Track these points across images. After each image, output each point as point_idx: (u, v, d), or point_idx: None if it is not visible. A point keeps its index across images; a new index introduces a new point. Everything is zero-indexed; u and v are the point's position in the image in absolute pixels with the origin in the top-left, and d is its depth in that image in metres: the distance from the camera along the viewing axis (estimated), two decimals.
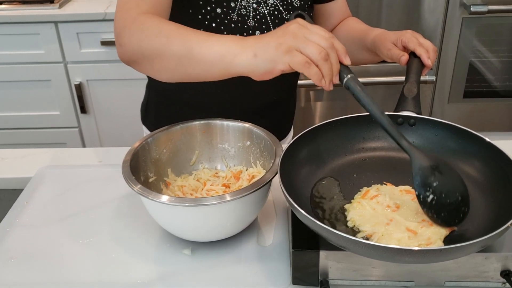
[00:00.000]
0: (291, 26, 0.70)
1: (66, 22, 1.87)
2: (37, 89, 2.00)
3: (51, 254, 0.80)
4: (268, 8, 0.99)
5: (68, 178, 0.99)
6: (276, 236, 0.83)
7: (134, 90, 1.94)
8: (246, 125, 0.90)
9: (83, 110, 2.03)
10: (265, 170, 0.87)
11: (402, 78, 0.90)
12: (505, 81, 2.01)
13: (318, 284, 0.71)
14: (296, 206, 0.66)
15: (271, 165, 0.79)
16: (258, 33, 0.99)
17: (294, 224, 0.72)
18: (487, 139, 0.78)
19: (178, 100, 1.10)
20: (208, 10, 0.95)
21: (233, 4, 0.96)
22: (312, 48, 0.67)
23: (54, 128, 2.08)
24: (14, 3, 1.90)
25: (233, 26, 0.97)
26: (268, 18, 0.99)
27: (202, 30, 0.94)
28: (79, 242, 0.82)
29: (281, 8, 1.00)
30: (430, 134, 0.84)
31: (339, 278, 0.71)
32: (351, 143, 0.85)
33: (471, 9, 1.80)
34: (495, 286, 0.70)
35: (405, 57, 0.92)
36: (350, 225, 0.73)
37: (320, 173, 0.82)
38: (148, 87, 1.19)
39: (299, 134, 0.80)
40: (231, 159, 0.94)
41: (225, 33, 0.96)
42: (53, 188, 0.96)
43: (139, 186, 0.74)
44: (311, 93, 2.00)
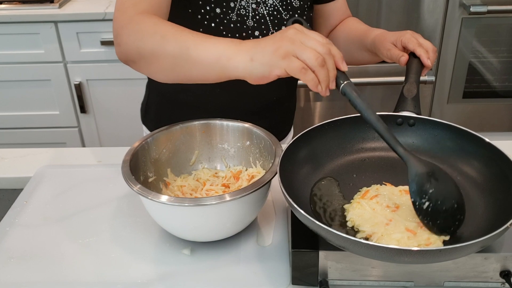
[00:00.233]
0: (289, 31, 0.69)
1: (66, 21, 1.87)
2: (37, 88, 2.00)
3: (51, 254, 0.80)
4: (267, 8, 0.99)
5: (67, 178, 0.99)
6: (275, 236, 0.83)
7: (134, 90, 1.94)
8: (246, 125, 0.91)
9: (83, 110, 2.03)
10: (264, 170, 0.87)
11: (402, 79, 0.90)
12: (504, 81, 2.01)
13: (318, 284, 0.71)
14: (295, 206, 0.66)
15: (271, 165, 0.79)
16: (257, 33, 0.99)
17: (294, 224, 0.73)
18: (487, 139, 0.78)
19: (178, 100, 1.10)
20: (207, 10, 0.95)
21: (232, 4, 0.96)
22: (309, 53, 0.67)
23: (54, 128, 2.08)
24: (14, 3, 1.90)
25: (232, 26, 0.97)
26: (267, 18, 0.99)
27: (201, 30, 0.95)
28: (79, 242, 0.82)
29: (280, 8, 1.00)
30: (429, 134, 0.84)
31: (339, 278, 0.71)
32: (351, 143, 0.85)
33: (471, 9, 1.80)
34: (494, 286, 0.70)
35: (404, 57, 0.92)
36: (349, 225, 0.73)
37: (319, 173, 0.82)
38: (148, 87, 1.19)
39: (299, 134, 0.80)
40: (231, 159, 0.94)
41: (224, 33, 0.96)
42: (52, 188, 0.96)
43: (139, 186, 0.74)
44: (311, 93, 2.00)
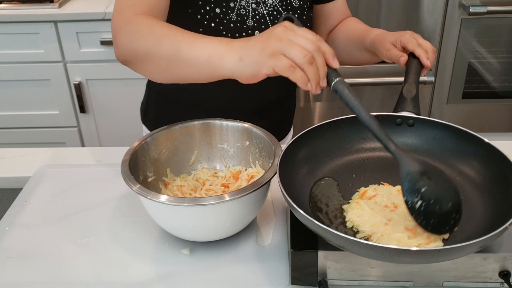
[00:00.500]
0: (277, 29, 0.68)
1: (65, 21, 1.87)
2: (36, 88, 2.00)
3: (50, 254, 0.80)
4: (267, 8, 0.99)
5: (67, 178, 0.99)
6: (274, 236, 0.83)
7: (133, 89, 1.94)
8: (245, 125, 0.91)
9: (83, 109, 2.03)
10: (264, 170, 0.87)
11: (401, 79, 0.91)
12: (504, 82, 2.01)
13: (317, 284, 0.71)
14: (295, 206, 0.66)
15: (270, 165, 0.79)
16: (257, 33, 0.99)
17: (293, 224, 0.73)
18: (486, 140, 0.78)
19: (178, 99, 1.10)
20: (207, 10, 0.95)
21: (232, 4, 0.96)
22: (296, 51, 0.66)
23: (53, 127, 2.08)
24: (14, 2, 1.89)
25: (232, 26, 0.97)
26: (267, 18, 0.99)
27: (201, 30, 0.95)
28: (78, 242, 0.82)
29: (280, 8, 1.00)
30: (429, 134, 0.84)
31: (338, 278, 0.71)
32: (350, 144, 0.85)
33: (470, 10, 1.80)
34: (494, 286, 0.70)
35: (404, 57, 0.92)
36: (349, 225, 0.73)
37: (319, 173, 0.82)
38: (148, 87, 1.19)
39: (298, 135, 0.80)
40: (230, 159, 0.94)
41: (224, 33, 0.96)
42: (52, 187, 0.96)
43: (138, 185, 0.74)
44: (311, 93, 2.00)
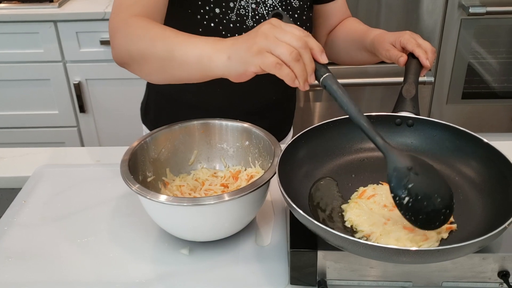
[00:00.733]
0: (263, 27, 0.68)
1: (65, 21, 1.87)
2: (36, 88, 2.00)
3: (49, 254, 0.80)
4: (267, 8, 0.99)
5: (66, 178, 0.99)
6: (274, 236, 0.83)
7: (133, 89, 1.94)
8: (245, 125, 0.91)
9: (82, 109, 2.03)
10: (263, 170, 0.87)
11: (401, 79, 0.91)
12: (503, 82, 2.01)
13: (316, 284, 0.71)
14: (294, 206, 0.66)
15: (270, 165, 0.79)
16: None
17: (292, 224, 0.73)
18: (485, 140, 0.78)
19: (178, 99, 1.10)
20: (206, 10, 0.95)
21: (232, 4, 0.96)
22: (282, 48, 0.66)
23: (53, 127, 2.08)
24: (14, 2, 1.89)
25: (231, 26, 0.97)
26: (267, 18, 0.99)
27: (200, 30, 0.95)
28: (77, 242, 0.82)
29: (280, 8, 1.00)
30: (428, 134, 0.84)
31: (337, 278, 0.71)
32: (350, 144, 0.85)
33: (470, 10, 1.81)
34: (493, 286, 0.70)
35: (403, 58, 0.92)
36: (348, 225, 0.73)
37: (318, 173, 0.82)
38: (148, 87, 1.19)
39: (298, 135, 0.80)
40: (230, 159, 0.94)
41: (223, 33, 0.96)
42: (51, 187, 0.96)
43: (137, 185, 0.74)
44: (311, 93, 2.00)
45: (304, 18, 1.03)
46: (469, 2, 1.83)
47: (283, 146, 0.79)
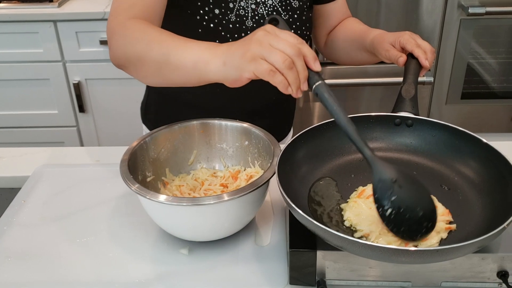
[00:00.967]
0: (258, 33, 0.68)
1: (65, 21, 1.87)
2: (35, 88, 2.00)
3: (48, 253, 0.80)
4: (267, 9, 0.99)
5: (65, 177, 0.99)
6: (273, 236, 0.83)
7: (132, 89, 1.94)
8: (245, 125, 0.91)
9: (82, 109, 2.03)
10: (263, 170, 0.87)
11: (400, 79, 0.91)
12: (502, 82, 2.02)
13: (315, 284, 0.71)
14: (293, 206, 0.66)
15: (269, 165, 0.79)
16: None
17: (292, 224, 0.73)
18: (484, 140, 0.78)
19: (178, 99, 1.10)
20: (206, 11, 0.95)
21: (231, 5, 0.96)
22: (276, 56, 0.66)
23: (52, 127, 2.08)
24: (13, 2, 1.89)
25: (231, 26, 0.97)
26: (266, 18, 0.99)
27: (200, 30, 0.95)
28: (77, 242, 0.82)
29: (279, 9, 1.00)
30: (427, 135, 0.84)
31: (336, 278, 0.71)
32: (349, 144, 0.84)
33: (469, 10, 1.81)
34: (492, 286, 0.71)
35: (403, 58, 0.92)
36: (347, 224, 0.73)
37: (317, 173, 0.82)
38: (148, 87, 1.19)
39: (297, 135, 0.81)
40: (229, 159, 0.94)
41: (223, 33, 0.96)
42: (50, 187, 0.96)
43: (137, 185, 0.74)
44: (310, 93, 2.00)
45: (304, 18, 1.03)
46: (468, 2, 1.83)
47: (283, 146, 0.79)
